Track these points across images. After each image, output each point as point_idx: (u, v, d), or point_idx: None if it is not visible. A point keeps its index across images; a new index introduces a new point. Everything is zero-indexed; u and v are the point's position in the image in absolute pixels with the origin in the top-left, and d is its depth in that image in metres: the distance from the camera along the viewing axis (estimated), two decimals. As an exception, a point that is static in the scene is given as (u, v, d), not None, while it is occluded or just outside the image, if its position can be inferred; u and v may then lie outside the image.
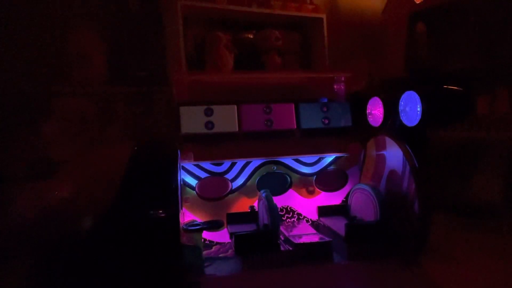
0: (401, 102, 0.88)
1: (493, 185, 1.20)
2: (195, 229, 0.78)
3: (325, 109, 0.98)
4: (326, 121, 0.98)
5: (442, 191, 1.09)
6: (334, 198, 0.96)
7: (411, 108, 0.85)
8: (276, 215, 0.78)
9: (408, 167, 0.85)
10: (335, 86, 1.02)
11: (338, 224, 0.87)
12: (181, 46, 1.59)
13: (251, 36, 1.78)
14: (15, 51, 1.26)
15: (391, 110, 0.96)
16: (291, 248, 0.79)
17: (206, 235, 0.89)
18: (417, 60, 1.48)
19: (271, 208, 0.77)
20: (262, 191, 0.85)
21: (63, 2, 1.37)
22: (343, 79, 1.03)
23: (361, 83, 1.16)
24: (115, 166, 0.86)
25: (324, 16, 1.79)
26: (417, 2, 1.48)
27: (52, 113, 1.31)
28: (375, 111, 1.00)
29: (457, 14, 1.40)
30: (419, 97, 0.79)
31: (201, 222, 0.85)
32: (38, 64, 1.29)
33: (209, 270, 0.75)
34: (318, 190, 0.97)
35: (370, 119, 1.03)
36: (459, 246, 1.00)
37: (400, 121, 0.91)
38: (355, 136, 0.94)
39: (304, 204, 0.95)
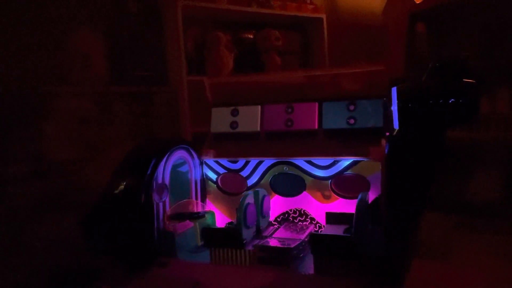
0: (393, 101, 0.79)
1: (493, 185, 1.20)
2: (177, 217, 0.83)
3: (352, 107, 0.89)
4: (352, 121, 0.87)
5: (442, 191, 1.09)
6: (353, 206, 0.89)
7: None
8: (240, 215, 0.78)
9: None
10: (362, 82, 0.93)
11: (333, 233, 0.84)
12: (181, 46, 1.59)
13: (251, 36, 1.79)
14: (15, 51, 1.26)
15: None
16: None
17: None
18: (417, 60, 1.48)
19: (239, 208, 0.78)
20: (248, 191, 0.84)
21: (63, 3, 1.38)
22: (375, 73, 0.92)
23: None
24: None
25: (324, 16, 1.80)
26: (417, 2, 1.47)
27: (52, 113, 1.32)
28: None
29: (457, 14, 1.40)
30: (396, 93, 0.67)
31: (187, 213, 0.87)
32: (38, 64, 1.29)
33: (181, 255, 0.79)
34: (335, 195, 0.91)
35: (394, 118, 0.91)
36: (458, 246, 1.00)
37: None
38: (383, 138, 0.84)
39: (319, 208, 0.90)
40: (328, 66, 1.70)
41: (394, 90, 0.66)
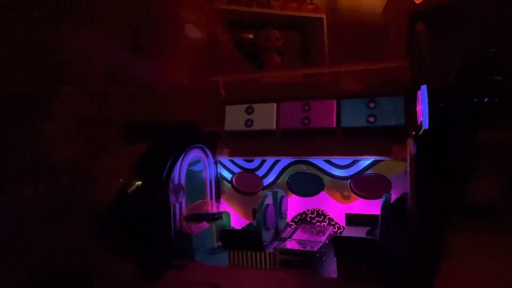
0: (423, 99, 0.72)
1: (493, 185, 1.20)
2: (195, 218, 0.82)
3: (371, 105, 0.85)
4: (372, 119, 0.84)
5: (441, 191, 1.09)
6: (373, 207, 0.86)
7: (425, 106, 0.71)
8: (260, 217, 0.77)
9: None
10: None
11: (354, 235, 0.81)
12: (181, 46, 1.59)
13: (251, 36, 1.79)
14: (15, 50, 1.25)
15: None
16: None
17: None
18: (417, 60, 1.48)
19: (259, 210, 0.77)
20: (267, 192, 0.83)
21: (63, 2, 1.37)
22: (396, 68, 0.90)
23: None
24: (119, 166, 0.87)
25: (324, 16, 1.80)
26: (417, 2, 1.47)
27: (52, 113, 1.31)
28: (419, 108, 0.82)
29: (457, 14, 1.39)
30: (426, 92, 0.63)
31: (205, 214, 0.86)
32: (38, 64, 1.29)
33: (198, 257, 0.78)
34: (354, 196, 0.87)
35: (418, 117, 0.83)
36: (459, 246, 0.99)
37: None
38: (405, 137, 0.80)
39: (338, 209, 0.87)
40: (327, 65, 1.70)
41: (424, 89, 0.63)
